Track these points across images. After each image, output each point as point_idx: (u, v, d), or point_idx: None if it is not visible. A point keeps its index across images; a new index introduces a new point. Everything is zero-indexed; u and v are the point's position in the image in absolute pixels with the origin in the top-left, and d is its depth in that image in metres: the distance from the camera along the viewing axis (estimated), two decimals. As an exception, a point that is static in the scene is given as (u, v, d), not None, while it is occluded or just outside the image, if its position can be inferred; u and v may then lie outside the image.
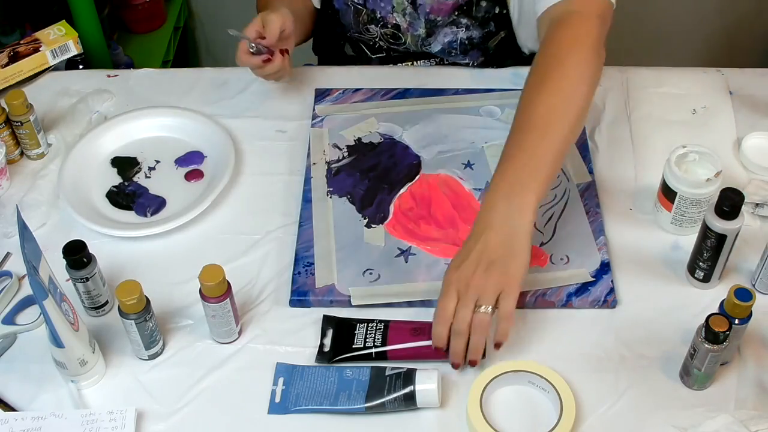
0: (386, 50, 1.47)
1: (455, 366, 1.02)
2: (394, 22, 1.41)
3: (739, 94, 1.40)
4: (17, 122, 1.29)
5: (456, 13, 1.38)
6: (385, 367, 1.03)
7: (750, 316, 1.01)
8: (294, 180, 1.28)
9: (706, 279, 1.12)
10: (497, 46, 1.42)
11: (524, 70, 1.43)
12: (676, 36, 2.43)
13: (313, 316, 1.12)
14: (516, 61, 1.43)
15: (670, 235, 1.20)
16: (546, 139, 1.06)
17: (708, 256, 1.09)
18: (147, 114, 1.37)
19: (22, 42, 1.47)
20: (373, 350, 1.06)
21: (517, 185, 1.03)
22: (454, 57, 1.45)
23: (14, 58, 1.43)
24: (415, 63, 1.48)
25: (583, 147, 1.30)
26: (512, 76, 1.43)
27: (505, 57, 1.44)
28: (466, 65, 1.45)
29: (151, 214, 1.24)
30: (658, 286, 1.14)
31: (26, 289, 1.15)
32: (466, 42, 1.41)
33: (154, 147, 1.34)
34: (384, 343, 1.06)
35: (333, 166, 1.29)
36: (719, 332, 0.96)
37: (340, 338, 1.07)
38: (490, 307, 0.99)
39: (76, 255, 1.06)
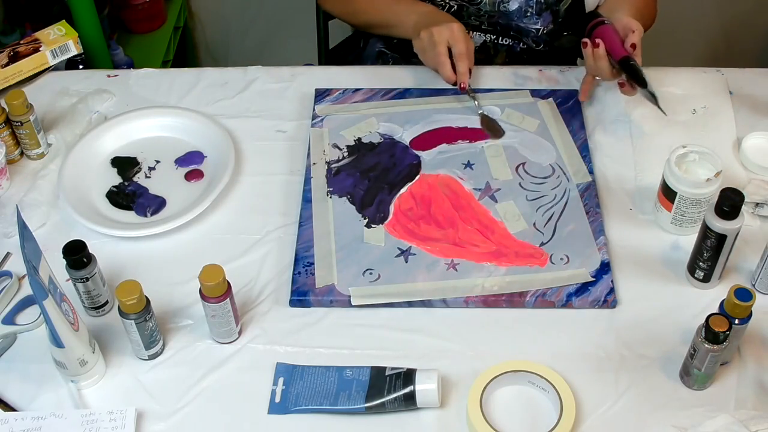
0: (455, 13, 1.47)
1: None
2: None
3: (739, 94, 1.40)
4: (17, 122, 1.29)
5: None
6: (385, 368, 1.03)
7: (750, 316, 1.01)
8: (294, 180, 1.28)
9: (706, 279, 1.12)
10: (567, 10, 1.45)
11: (524, 71, 1.44)
12: (676, 36, 2.42)
13: (314, 316, 1.12)
14: (579, 29, 1.45)
15: (670, 235, 1.20)
16: None
17: (708, 256, 1.09)
18: (147, 114, 1.37)
19: (22, 42, 1.47)
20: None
21: None
22: (527, 20, 1.46)
23: (14, 58, 1.43)
24: (471, 36, 1.50)
25: (583, 147, 1.30)
26: (512, 76, 1.43)
27: (571, 23, 1.46)
28: (537, 32, 1.47)
29: (151, 214, 1.24)
30: (658, 286, 1.14)
31: (26, 289, 1.15)
32: (542, 1, 1.44)
33: (154, 147, 1.34)
34: None
35: (333, 166, 1.29)
36: (719, 332, 0.96)
37: None
38: None
39: (76, 255, 1.06)
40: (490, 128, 1.34)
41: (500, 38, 1.50)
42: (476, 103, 1.37)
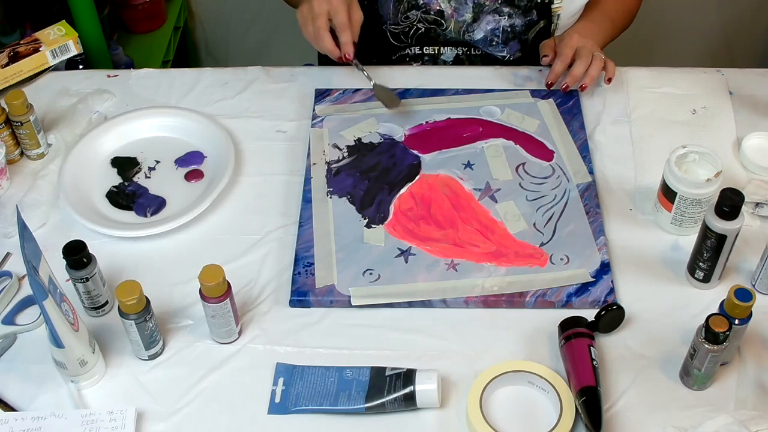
0: (423, 35, 1.46)
1: (565, 89, 1.37)
2: (438, 8, 1.42)
3: (739, 94, 1.40)
4: (17, 122, 1.29)
5: (500, 0, 1.40)
6: (385, 368, 1.03)
7: (750, 316, 1.01)
8: (294, 180, 1.28)
9: (706, 279, 1.12)
10: (534, 38, 1.45)
11: (524, 71, 1.44)
12: (676, 36, 2.43)
13: (314, 316, 1.12)
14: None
15: (670, 235, 1.20)
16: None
17: (708, 256, 1.09)
18: (147, 114, 1.37)
19: (22, 42, 1.47)
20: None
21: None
22: (494, 48, 1.46)
23: (14, 58, 1.43)
24: (442, 50, 1.49)
25: (583, 147, 1.30)
26: (512, 76, 1.43)
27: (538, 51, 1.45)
28: (503, 58, 1.47)
29: (151, 214, 1.24)
30: (658, 286, 1.14)
31: (26, 289, 1.15)
32: (509, 30, 1.43)
33: (154, 147, 1.34)
34: None
35: (333, 166, 1.29)
36: (719, 332, 0.96)
37: None
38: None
39: (76, 255, 1.06)
40: (386, 99, 1.33)
41: (472, 49, 1.49)
42: (366, 74, 1.35)
